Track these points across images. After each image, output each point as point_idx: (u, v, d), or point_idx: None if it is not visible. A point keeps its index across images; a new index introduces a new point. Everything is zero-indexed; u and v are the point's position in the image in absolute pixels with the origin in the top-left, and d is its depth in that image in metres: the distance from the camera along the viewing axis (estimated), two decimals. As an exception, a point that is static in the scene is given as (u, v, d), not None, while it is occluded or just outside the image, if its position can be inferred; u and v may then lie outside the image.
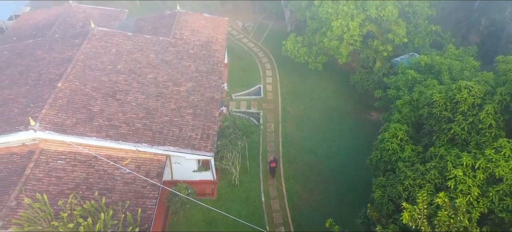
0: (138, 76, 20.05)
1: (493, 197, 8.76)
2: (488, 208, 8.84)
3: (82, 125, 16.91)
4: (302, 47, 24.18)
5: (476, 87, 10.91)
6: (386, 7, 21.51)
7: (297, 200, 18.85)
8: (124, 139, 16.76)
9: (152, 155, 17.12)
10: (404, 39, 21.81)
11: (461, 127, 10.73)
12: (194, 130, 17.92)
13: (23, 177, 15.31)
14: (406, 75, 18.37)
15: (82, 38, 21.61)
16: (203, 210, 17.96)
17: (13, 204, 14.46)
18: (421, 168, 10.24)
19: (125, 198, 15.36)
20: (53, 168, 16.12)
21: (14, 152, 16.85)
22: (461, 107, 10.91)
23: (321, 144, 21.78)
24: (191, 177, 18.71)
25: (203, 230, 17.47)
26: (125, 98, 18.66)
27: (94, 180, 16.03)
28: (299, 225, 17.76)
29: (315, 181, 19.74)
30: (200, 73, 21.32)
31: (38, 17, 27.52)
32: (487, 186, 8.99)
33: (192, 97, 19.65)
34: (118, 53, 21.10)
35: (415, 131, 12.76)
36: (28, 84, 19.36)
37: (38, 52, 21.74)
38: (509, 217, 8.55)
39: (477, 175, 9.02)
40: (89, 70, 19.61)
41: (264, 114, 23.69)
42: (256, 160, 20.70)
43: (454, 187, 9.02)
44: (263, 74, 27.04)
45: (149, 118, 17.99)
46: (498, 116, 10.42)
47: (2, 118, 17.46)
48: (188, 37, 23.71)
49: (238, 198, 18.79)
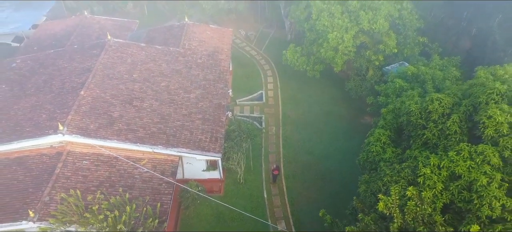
0: (152, 84, 22.06)
1: (453, 191, 10.75)
2: (449, 200, 10.83)
3: (104, 129, 18.92)
4: (301, 56, 26.20)
5: (445, 99, 12.92)
6: (378, 20, 23.49)
7: (296, 196, 20.87)
8: (141, 142, 18.78)
9: (166, 156, 19.15)
10: (394, 50, 23.82)
11: (432, 133, 12.74)
12: (203, 134, 19.94)
13: (54, 176, 17.33)
14: (394, 84, 20.40)
15: (100, 49, 23.60)
16: (212, 205, 20.02)
17: (47, 199, 16.49)
18: (397, 167, 12.26)
19: (144, 194, 17.39)
20: (79, 167, 18.17)
21: (43, 153, 18.91)
22: (433, 116, 12.92)
23: (318, 146, 23.78)
24: (201, 176, 20.69)
25: (212, 223, 19.50)
26: (141, 105, 20.69)
27: (115, 178, 18.07)
28: (297, 218, 19.78)
29: (312, 180, 21.75)
30: (208, 81, 23.36)
31: (56, 28, 29.53)
32: (449, 182, 10.99)
33: (201, 104, 21.68)
34: (133, 63, 23.11)
35: (397, 135, 14.79)
36: (53, 91, 21.38)
37: (60, 62, 23.74)
38: (466, 206, 10.55)
39: (442, 172, 11.01)
40: (107, 79, 21.63)
41: (266, 118, 25.72)
42: (259, 161, 22.72)
43: (423, 182, 11.02)
44: (265, 81, 29.07)
45: (163, 123, 20.01)
46: (462, 124, 12.41)
47: (31, 123, 19.51)
48: (196, 48, 25.73)
49: (243, 194, 20.81)
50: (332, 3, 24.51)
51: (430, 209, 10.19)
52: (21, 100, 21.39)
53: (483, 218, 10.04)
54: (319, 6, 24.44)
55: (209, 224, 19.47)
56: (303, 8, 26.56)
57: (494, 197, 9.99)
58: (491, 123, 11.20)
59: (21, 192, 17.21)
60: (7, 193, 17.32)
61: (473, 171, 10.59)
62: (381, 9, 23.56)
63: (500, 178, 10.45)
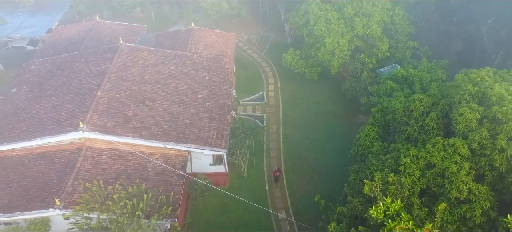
0: (162, 86, 23.88)
1: (429, 177, 12.53)
2: (426, 185, 12.61)
3: (120, 127, 20.75)
4: (300, 59, 28.03)
5: (425, 99, 14.71)
6: (371, 26, 25.32)
7: (296, 189, 22.68)
8: (154, 138, 20.60)
9: (177, 151, 20.99)
10: (386, 53, 25.66)
11: (413, 128, 14.54)
12: (210, 131, 21.76)
13: (75, 169, 19.17)
14: (386, 85, 22.19)
15: (113, 52, 25.40)
16: (218, 197, 21.85)
17: (70, 189, 18.34)
18: (382, 158, 14.04)
19: (157, 185, 19.21)
20: (98, 161, 20.01)
21: (64, 149, 20.77)
22: (414, 114, 14.71)
23: (316, 143, 25.59)
24: (208, 169, 22.48)
25: (218, 213, 21.32)
26: (153, 105, 22.51)
27: (131, 171, 19.91)
28: (297, 208, 21.60)
29: (311, 174, 23.56)
30: (213, 82, 25.18)
31: (70, 32, 31.35)
32: (426, 170, 12.78)
33: (207, 103, 23.50)
34: (144, 66, 24.93)
35: (384, 131, 16.58)
36: (71, 92, 23.19)
37: (76, 65, 25.55)
38: (439, 190, 12.34)
39: (420, 162, 12.79)
40: (121, 80, 23.45)
41: (267, 117, 27.55)
42: (261, 156, 24.54)
43: (403, 170, 12.80)
44: (266, 82, 30.90)
45: (174, 121, 21.84)
46: (439, 120, 14.20)
47: (53, 121, 21.34)
48: (202, 51, 27.56)
49: (246, 187, 22.62)
50: (329, 9, 26.35)
51: (408, 192, 11.99)
52: (42, 100, 23.22)
53: (453, 199, 11.84)
54: (317, 12, 26.27)
55: (216, 214, 21.28)
56: (302, 14, 28.41)
57: (462, 182, 11.80)
58: (462, 120, 13.01)
59: (46, 184, 19.07)
60: (33, 184, 19.20)
61: (446, 160, 12.40)
62: (374, 15, 25.38)
63: (468, 166, 12.26)
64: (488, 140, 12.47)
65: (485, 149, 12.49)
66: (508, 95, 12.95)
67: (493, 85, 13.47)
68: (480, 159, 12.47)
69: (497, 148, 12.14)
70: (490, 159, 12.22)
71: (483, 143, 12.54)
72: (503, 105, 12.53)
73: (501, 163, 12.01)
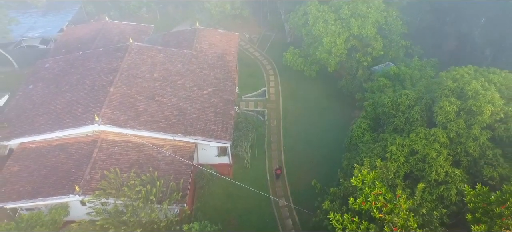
0: (170, 83, 25.52)
1: (412, 162, 14.18)
2: (409, 169, 14.26)
3: (132, 121, 22.40)
4: (299, 58, 29.67)
5: (411, 94, 16.36)
6: (366, 26, 26.96)
7: (295, 178, 24.35)
8: (164, 131, 22.26)
9: (185, 143, 22.66)
10: (380, 52, 27.30)
11: (400, 120, 16.17)
12: (215, 124, 23.42)
13: (92, 159, 20.84)
14: (379, 82, 23.85)
15: (123, 51, 27.00)
16: (222, 186, 23.53)
17: (88, 177, 20.01)
18: (371, 146, 15.69)
19: (167, 174, 20.89)
20: (112, 152, 21.68)
21: (80, 141, 22.44)
22: (401, 107, 16.34)
23: (314, 136, 27.24)
24: (213, 160, 24.16)
25: (223, 200, 23.01)
26: (162, 100, 24.16)
27: (143, 161, 21.58)
28: (295, 196, 23.28)
29: (309, 164, 25.20)
30: (218, 79, 26.82)
31: (80, 32, 32.97)
32: (409, 156, 14.42)
33: (212, 99, 25.14)
34: (153, 64, 26.56)
35: (374, 123, 18.21)
36: (85, 89, 24.83)
37: (88, 63, 27.17)
38: (420, 174, 13.99)
39: (404, 149, 14.43)
40: (132, 78, 25.08)
41: (268, 112, 29.20)
42: (262, 148, 26.21)
43: (390, 157, 14.44)
44: (267, 79, 32.54)
45: (181, 115, 23.49)
46: (423, 113, 15.83)
47: (70, 116, 22.99)
48: (207, 50, 29.18)
49: (249, 177, 24.29)
50: (326, 11, 27.98)
51: (393, 175, 13.65)
52: (58, 96, 24.87)
53: (432, 181, 13.50)
54: (315, 14, 27.90)
55: (221, 201, 22.97)
56: (301, 15, 30.03)
57: (440, 166, 13.45)
58: (442, 112, 14.64)
59: (65, 172, 20.75)
60: (54, 173, 20.89)
61: (427, 147, 14.04)
62: (369, 16, 27.01)
63: (446, 153, 13.92)
64: (464, 129, 14.12)
65: (461, 137, 14.14)
66: (483, 90, 14.57)
67: (471, 81, 15.08)
68: (456, 146, 14.13)
69: (471, 137, 13.79)
70: (465, 146, 13.87)
71: (460, 132, 14.19)
72: (478, 99, 14.16)
73: (475, 149, 13.67)
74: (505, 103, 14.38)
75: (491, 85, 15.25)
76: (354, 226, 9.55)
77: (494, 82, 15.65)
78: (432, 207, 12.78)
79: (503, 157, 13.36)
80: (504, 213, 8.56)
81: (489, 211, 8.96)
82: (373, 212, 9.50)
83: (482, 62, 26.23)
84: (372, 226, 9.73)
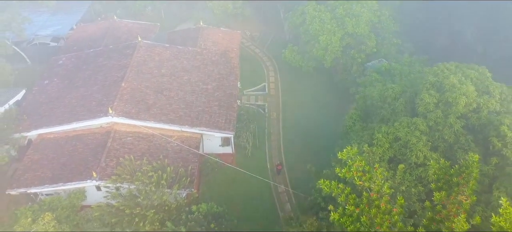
0: (177, 78, 27.34)
1: (395, 148, 16.07)
2: (393, 154, 16.14)
3: (143, 113, 24.26)
4: (297, 54, 31.50)
5: (396, 87, 18.21)
6: (360, 25, 28.78)
7: (293, 167, 26.21)
8: (172, 122, 24.13)
9: (191, 133, 24.54)
10: (373, 49, 29.13)
11: (386, 111, 18.04)
12: (220, 117, 25.28)
13: (106, 148, 22.71)
14: (371, 77, 25.68)
15: (132, 49, 28.77)
16: (226, 174, 25.40)
17: (103, 165, 21.89)
18: (361, 134, 17.57)
19: (176, 162, 22.80)
20: (125, 142, 23.56)
21: (95, 132, 24.30)
22: (387, 100, 18.21)
23: (312, 128, 29.05)
24: (217, 150, 25.99)
25: (226, 186, 24.90)
26: (170, 94, 26.00)
27: (153, 150, 23.47)
28: (294, 184, 25.19)
29: (307, 154, 27.00)
30: (221, 75, 28.64)
31: (90, 30, 34.73)
32: (393, 142, 16.30)
33: (216, 93, 26.98)
34: (160, 61, 28.36)
35: (364, 114, 20.09)
36: (98, 84, 26.66)
37: (100, 60, 28.98)
38: (402, 157, 15.87)
39: (389, 136, 16.30)
40: (141, 73, 26.90)
41: (268, 105, 31.06)
42: (263, 139, 28.09)
43: (376, 143, 16.32)
44: (267, 75, 34.37)
45: (188, 108, 25.33)
46: (407, 104, 17.71)
47: (85, 109, 24.83)
48: (210, 47, 30.99)
49: (251, 165, 26.12)
50: (323, 10, 29.79)
51: (378, 159, 15.55)
52: (72, 91, 26.72)
53: (412, 163, 15.40)
54: (312, 13, 29.71)
55: (225, 187, 24.85)
56: (299, 14, 31.83)
57: (419, 151, 15.34)
58: (422, 103, 16.50)
59: (83, 160, 22.66)
60: (71, 161, 22.80)
61: (408, 134, 15.91)
62: (362, 16, 28.83)
63: (425, 139, 15.80)
64: (441, 118, 15.99)
65: (439, 125, 16.02)
66: (459, 84, 16.41)
67: (449, 76, 16.91)
68: (434, 133, 16.01)
69: (447, 125, 15.67)
70: (442, 133, 15.76)
71: (438, 121, 16.06)
72: (454, 92, 16.01)
73: (450, 136, 15.55)
74: (478, 95, 16.26)
75: (467, 80, 17.10)
76: (339, 191, 11.43)
77: (471, 77, 17.48)
78: (412, 185, 14.67)
79: (474, 143, 15.27)
80: (461, 182, 10.42)
81: (449, 181, 10.82)
82: (355, 180, 11.37)
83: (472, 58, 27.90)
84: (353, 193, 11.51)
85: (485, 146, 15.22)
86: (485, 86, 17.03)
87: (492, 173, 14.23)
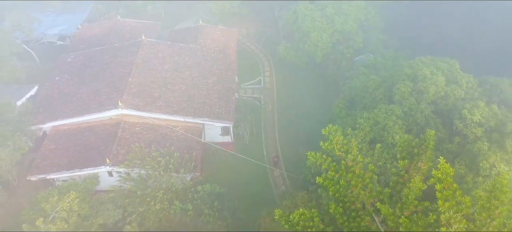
0: (179, 73, 29.54)
1: (375, 131, 18.48)
2: (373, 136, 18.55)
3: (149, 105, 26.48)
4: (291, 50, 33.81)
5: (377, 79, 20.62)
6: (348, 22, 31.14)
7: (288, 154, 28.60)
8: (176, 114, 26.36)
9: (194, 124, 26.83)
10: (360, 45, 31.51)
11: (368, 99, 20.46)
12: (220, 108, 27.57)
13: (117, 137, 24.93)
14: (358, 71, 28.11)
15: (137, 47, 30.90)
16: (226, 161, 27.69)
17: (115, 152, 24.09)
18: (345, 120, 19.98)
19: (181, 149, 25.08)
20: (133, 132, 25.80)
21: (105, 123, 26.47)
22: (369, 90, 20.62)
23: (305, 119, 31.38)
24: (217, 139, 28.28)
25: (227, 171, 27.22)
26: (173, 88, 28.21)
27: (160, 139, 25.73)
28: (288, 168, 27.57)
29: (300, 143, 29.32)
30: (220, 70, 30.89)
31: (95, 30, 36.75)
32: (373, 126, 18.70)
33: (216, 87, 29.24)
34: (163, 57, 30.53)
35: (350, 103, 22.53)
36: (106, 80, 28.79)
37: (106, 57, 31.08)
38: (381, 139, 18.30)
39: (369, 121, 18.69)
40: (146, 69, 29.07)
41: (264, 98, 33.35)
42: (259, 129, 30.43)
43: (359, 127, 18.72)
44: (263, 70, 36.63)
45: (190, 101, 27.57)
46: (386, 93, 20.14)
47: (95, 102, 26.97)
48: (210, 45, 33.19)
49: (249, 152, 28.46)
50: (314, 9, 32.11)
51: (360, 140, 17.96)
52: (82, 86, 28.86)
53: (389, 143, 17.83)
54: (304, 12, 32.01)
55: (225, 172, 27.16)
56: (291, 13, 34.13)
57: (395, 132, 17.77)
58: (398, 92, 18.92)
59: (95, 149, 24.88)
60: (85, 149, 25.01)
61: (386, 119, 18.34)
62: (350, 14, 31.19)
63: (401, 123, 18.24)
64: (415, 105, 18.42)
65: (412, 111, 18.45)
66: (431, 75, 18.85)
67: (422, 68, 19.34)
68: (408, 118, 18.46)
69: (419, 110, 18.10)
70: (415, 118, 18.19)
71: (411, 107, 18.49)
72: (425, 82, 18.44)
73: (422, 120, 17.98)
74: (446, 85, 18.70)
75: (439, 71, 19.55)
76: (322, 160, 13.80)
77: (442, 69, 19.93)
78: (388, 162, 17.09)
79: (442, 125, 17.68)
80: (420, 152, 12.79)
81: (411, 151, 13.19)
82: (335, 151, 13.75)
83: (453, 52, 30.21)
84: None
85: (451, 128, 17.66)
86: (454, 77, 19.48)
87: (455, 149, 16.68)
